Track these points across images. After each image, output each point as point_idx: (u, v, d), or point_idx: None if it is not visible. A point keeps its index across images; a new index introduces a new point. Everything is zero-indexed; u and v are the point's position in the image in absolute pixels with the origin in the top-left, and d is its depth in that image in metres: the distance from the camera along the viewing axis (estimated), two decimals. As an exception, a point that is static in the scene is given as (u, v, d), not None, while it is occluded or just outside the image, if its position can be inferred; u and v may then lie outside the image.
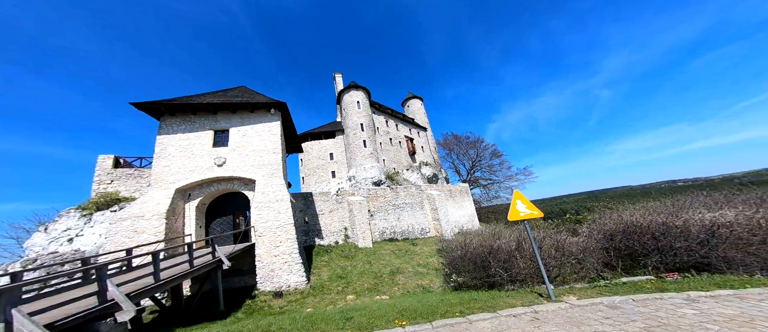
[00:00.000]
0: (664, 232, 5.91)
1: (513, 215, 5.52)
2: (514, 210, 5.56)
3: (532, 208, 5.48)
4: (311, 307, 10.11)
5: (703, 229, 5.51)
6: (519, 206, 5.64)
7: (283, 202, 13.14)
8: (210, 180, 12.86)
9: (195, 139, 13.29)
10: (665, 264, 5.80)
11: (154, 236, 10.38)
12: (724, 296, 3.92)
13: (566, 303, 4.21)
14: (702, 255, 5.37)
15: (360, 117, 29.56)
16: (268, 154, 14.15)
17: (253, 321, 6.55)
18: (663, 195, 9.04)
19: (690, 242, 5.50)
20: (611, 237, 6.90)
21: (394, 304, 6.62)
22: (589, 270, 6.31)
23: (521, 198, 5.68)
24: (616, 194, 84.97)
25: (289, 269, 11.99)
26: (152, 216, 10.73)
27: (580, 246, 6.78)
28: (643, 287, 4.74)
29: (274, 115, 15.20)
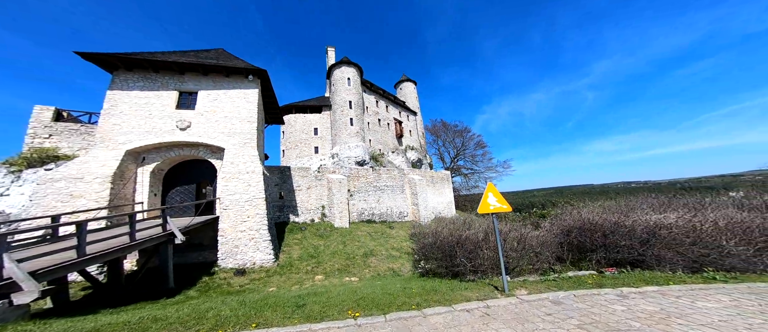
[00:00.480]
0: (613, 231, 6.23)
1: (483, 208, 5.23)
2: (485, 203, 5.25)
3: (503, 202, 5.20)
4: (275, 286, 9.32)
5: (646, 229, 5.87)
6: (490, 199, 5.30)
7: (255, 174, 11.87)
8: (170, 144, 11.23)
9: (155, 98, 11.43)
10: (607, 259, 6.20)
11: (94, 202, 8.91)
12: (650, 292, 4.26)
13: (517, 298, 4.31)
14: (639, 253, 5.77)
15: (349, 94, 27.73)
16: (241, 122, 12.58)
17: (197, 302, 5.65)
18: (618, 194, 9.31)
19: (633, 241, 5.86)
20: (568, 232, 7.16)
21: (355, 290, 6.13)
22: (543, 263, 6.54)
23: (493, 191, 5.34)
24: (579, 191, 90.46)
25: (255, 246, 11.01)
26: (94, 178, 9.16)
27: (539, 240, 6.95)
28: (585, 282, 5.02)
29: (252, 83, 13.45)
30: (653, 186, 75.34)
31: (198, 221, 9.36)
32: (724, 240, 5.31)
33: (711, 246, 5.28)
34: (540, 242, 6.91)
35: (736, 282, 4.60)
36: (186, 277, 9.18)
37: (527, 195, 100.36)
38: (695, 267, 5.28)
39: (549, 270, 6.35)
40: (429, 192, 24.90)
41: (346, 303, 4.69)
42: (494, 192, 5.37)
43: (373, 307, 4.35)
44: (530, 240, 6.93)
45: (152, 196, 11.02)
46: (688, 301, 3.84)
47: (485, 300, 4.32)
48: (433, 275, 7.48)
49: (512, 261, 6.45)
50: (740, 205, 6.89)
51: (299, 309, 4.41)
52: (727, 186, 67.71)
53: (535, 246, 6.80)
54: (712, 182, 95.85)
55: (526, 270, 6.46)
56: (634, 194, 9.48)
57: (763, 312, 3.37)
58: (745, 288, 4.28)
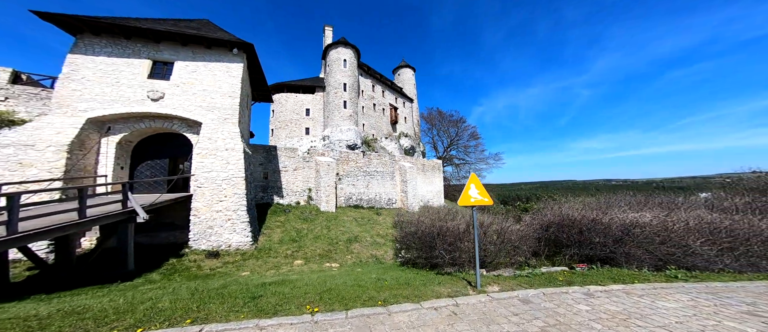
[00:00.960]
0: (590, 228, 6.13)
1: (464, 200, 4.85)
2: (466, 195, 4.88)
3: (484, 195, 4.84)
4: (249, 271, 8.72)
5: (621, 227, 5.83)
6: (472, 191, 4.89)
7: (234, 152, 10.94)
8: (139, 114, 10.11)
9: (124, 66, 10.15)
10: (579, 255, 6.17)
11: (47, 173, 7.93)
12: (616, 291, 4.26)
13: (487, 296, 4.11)
14: (611, 250, 5.75)
15: (344, 76, 26.25)
16: (222, 97, 11.44)
17: (146, 288, 5.00)
18: (599, 191, 9.22)
19: (607, 239, 5.82)
20: (547, 227, 7.05)
21: (325, 280, 5.73)
22: (520, 257, 6.45)
23: (476, 183, 4.95)
24: (563, 186, 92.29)
25: (232, 227, 10.28)
26: (47, 146, 8.11)
27: (518, 235, 6.84)
28: (556, 279, 4.97)
29: (237, 57, 12.17)
30: (631, 185, 77.22)
31: (166, 199, 8.51)
32: (691, 239, 5.40)
33: (678, 246, 5.37)
34: (519, 236, 6.76)
35: (696, 281, 4.68)
36: (152, 259, 8.46)
37: (514, 188, 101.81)
38: (660, 265, 5.36)
39: (524, 265, 6.25)
40: (419, 181, 24.38)
41: (309, 295, 4.22)
42: (476, 184, 4.91)
43: (335, 302, 3.90)
44: (510, 234, 6.75)
45: (118, 169, 10.03)
46: (649, 301, 3.87)
47: (455, 297, 4.05)
48: (413, 265, 7.21)
49: (490, 255, 6.25)
50: (711, 206, 6.96)
51: (252, 302, 3.88)
52: (698, 187, 69.88)
53: (514, 240, 6.63)
54: (685, 183, 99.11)
55: (503, 263, 6.32)
56: (614, 191, 9.44)
57: (717, 313, 3.44)
58: (704, 287, 4.36)
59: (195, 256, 9.00)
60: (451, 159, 42.98)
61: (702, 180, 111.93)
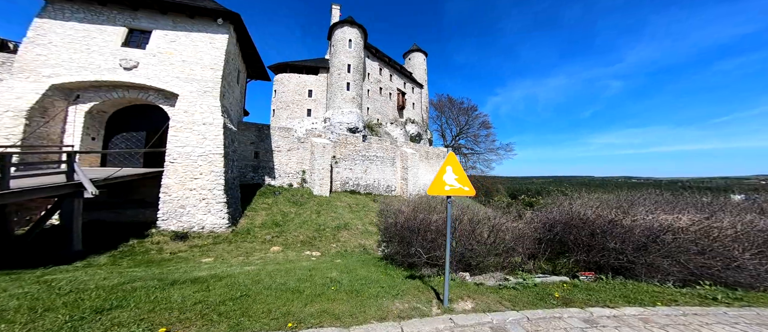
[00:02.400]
0: (606, 230, 4.83)
1: (436, 188, 3.44)
2: (439, 181, 3.44)
3: (464, 183, 3.45)
4: (213, 257, 7.85)
5: (647, 232, 4.58)
6: (447, 175, 3.44)
7: (213, 127, 9.92)
8: (110, 83, 9.21)
9: (96, 32, 9.20)
10: (586, 262, 4.98)
11: (3, 139, 7.20)
12: (629, 317, 3.04)
13: (450, 321, 2.87)
14: (629, 259, 4.50)
15: (349, 57, 24.48)
16: (203, 69, 10.32)
17: (62, 277, 4.03)
18: (618, 188, 7.35)
19: (626, 245, 4.55)
20: (551, 226, 5.69)
21: (257, 281, 4.41)
22: (513, 258, 5.37)
23: (454, 166, 3.51)
24: (578, 182, 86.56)
25: (206, 207, 9.42)
26: (4, 112, 7.37)
27: (515, 233, 5.65)
28: (550, 294, 3.77)
29: (222, 27, 10.93)
30: (654, 183, 71.00)
31: (128, 173, 7.65)
32: (737, 250, 4.23)
33: (719, 256, 4.25)
34: (515, 235, 5.58)
35: (741, 305, 3.49)
36: (110, 238, 7.73)
37: (525, 182, 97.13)
38: (690, 280, 4.24)
39: (517, 270, 5.17)
40: (421, 168, 22.80)
41: (224, 297, 3.22)
42: (454, 167, 3.48)
43: (227, 319, 2.71)
44: (504, 232, 5.58)
45: (89, 140, 9.32)
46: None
47: (406, 321, 2.87)
48: (392, 261, 6.20)
49: (477, 256, 5.16)
50: (762, 210, 5.44)
51: (96, 317, 2.58)
52: (729, 188, 63.53)
53: (509, 240, 5.45)
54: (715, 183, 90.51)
55: (491, 266, 5.20)
56: (635, 189, 7.76)
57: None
58: (754, 315, 3.15)
59: (160, 238, 8.23)
60: (459, 148, 40.65)
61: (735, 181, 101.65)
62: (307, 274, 5.01)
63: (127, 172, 7.86)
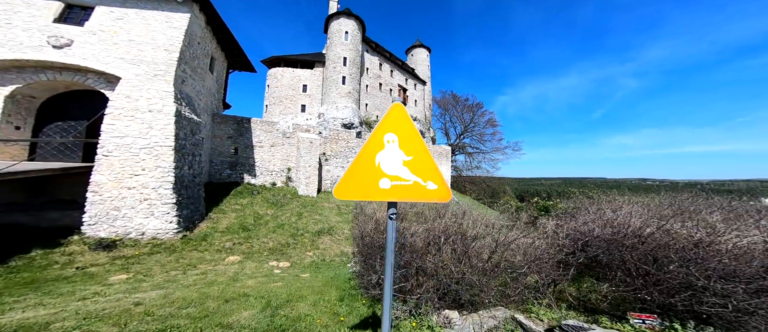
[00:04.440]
0: (688, 257, 2.56)
1: (356, 181, 1.19)
2: (365, 169, 1.21)
3: (429, 173, 1.23)
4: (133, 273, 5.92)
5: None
6: (388, 155, 1.22)
7: (161, 114, 8.14)
8: (36, 63, 7.57)
9: (22, 6, 7.63)
10: (634, 297, 2.83)
11: None
12: None
13: None
14: (737, 308, 2.36)
15: (345, 49, 22.59)
16: (155, 50, 8.58)
17: None
18: (633, 191, 5.66)
19: (730, 283, 2.33)
20: (584, 246, 3.53)
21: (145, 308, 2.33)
22: (525, 292, 3.21)
23: (404, 131, 1.27)
24: (590, 184, 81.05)
25: (148, 209, 7.61)
26: None
27: (529, 254, 3.60)
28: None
29: (183, 6, 9.22)
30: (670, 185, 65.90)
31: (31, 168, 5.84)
32: None
33: None
34: (530, 257, 3.58)
35: None
36: (12, 246, 5.96)
37: (533, 183, 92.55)
38: None
39: (531, 302, 3.14)
40: (421, 168, 20.55)
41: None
42: (406, 135, 1.40)
43: None
44: (512, 252, 3.71)
45: (12, 129, 7.68)
46: None
47: None
48: (359, 285, 4.26)
49: (472, 288, 3.19)
50: None
51: None
52: (753, 191, 57.81)
53: (519, 262, 3.54)
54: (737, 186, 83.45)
55: (491, 302, 3.14)
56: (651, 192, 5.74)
57: None
58: None
59: (75, 247, 6.42)
60: (463, 147, 38.08)
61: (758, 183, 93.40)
62: (219, 306, 3.06)
63: (29, 167, 6.10)
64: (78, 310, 3.09)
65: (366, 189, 1.27)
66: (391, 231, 1.26)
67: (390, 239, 1.26)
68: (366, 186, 1.27)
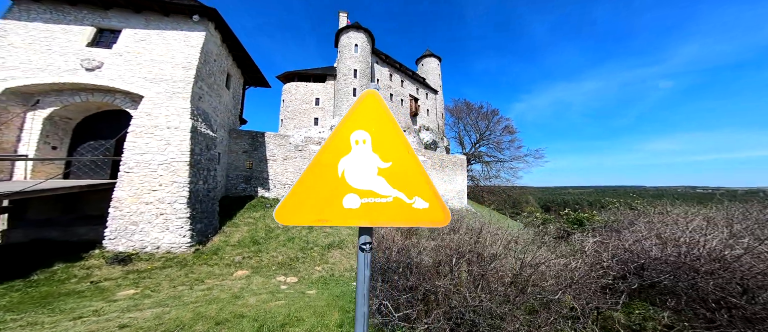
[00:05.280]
0: None
1: (313, 210, 0.81)
2: (331, 184, 0.82)
3: (422, 193, 0.81)
4: (141, 288, 5.96)
5: None
6: (355, 174, 0.81)
7: (179, 131, 8.50)
8: (72, 86, 8.28)
9: (61, 32, 8.46)
10: None
11: (-64, 147, 6.23)
12: None
13: None
14: None
15: (355, 62, 23.14)
16: (174, 68, 9.13)
17: None
18: (680, 200, 4.88)
19: None
20: (638, 270, 2.78)
21: None
22: (560, 322, 2.50)
23: (381, 125, 0.87)
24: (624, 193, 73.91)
25: (164, 224, 7.79)
26: (-58, 118, 6.47)
27: (564, 279, 2.91)
28: None
29: (198, 24, 9.86)
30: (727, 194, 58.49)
31: (55, 186, 6.21)
32: None
33: None
34: (564, 280, 2.94)
35: None
36: (40, 260, 6.30)
37: (559, 192, 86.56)
38: None
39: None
40: (435, 177, 19.93)
41: None
42: (386, 132, 0.95)
43: None
44: (540, 275, 3.03)
45: (49, 149, 8.35)
46: None
47: None
48: None
49: (492, 318, 2.59)
50: None
51: None
52: None
53: (551, 287, 2.90)
54: (809, 194, 72.12)
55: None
56: (705, 201, 4.80)
57: None
58: None
59: (94, 261, 6.63)
60: (480, 156, 36.79)
61: (833, 190, 79.94)
62: (208, 330, 2.83)
63: (59, 184, 6.49)
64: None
65: (322, 210, 0.92)
66: (363, 268, 0.89)
67: (361, 280, 0.91)
68: (323, 205, 0.92)
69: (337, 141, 0.99)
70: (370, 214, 0.92)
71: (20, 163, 7.74)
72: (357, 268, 0.89)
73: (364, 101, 1.03)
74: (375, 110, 1.02)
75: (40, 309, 4.33)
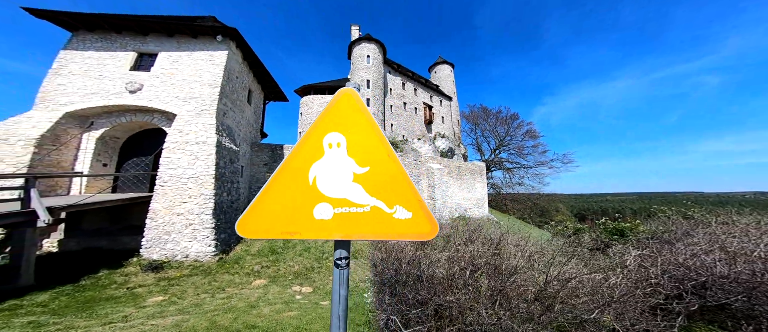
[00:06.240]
0: None
1: (279, 221, 0.71)
2: (300, 192, 0.74)
3: (405, 202, 0.71)
4: (169, 295, 6.31)
5: None
6: (327, 181, 0.73)
7: (205, 146, 9.15)
8: (118, 108, 9.32)
9: (109, 58, 9.65)
10: None
11: (13, 167, 7.35)
12: None
13: None
14: None
15: (367, 72, 23.73)
16: (201, 86, 9.99)
17: None
18: (757, 208, 4.02)
19: None
20: (696, 288, 2.31)
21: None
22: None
23: (365, 145, 0.78)
24: (675, 199, 64.72)
25: (192, 234, 8.30)
26: (18, 141, 7.61)
27: (602, 296, 2.44)
28: None
29: (222, 44, 10.77)
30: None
31: (102, 200, 6.94)
32: None
33: None
34: (603, 298, 2.50)
35: None
36: (87, 267, 6.99)
37: (595, 200, 78.90)
38: None
39: None
40: (452, 185, 19.32)
41: None
42: (358, 131, 0.84)
43: None
44: (572, 290, 2.65)
45: (100, 166, 9.38)
46: None
47: None
48: (372, 320, 3.70)
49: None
50: None
51: None
52: None
53: (585, 303, 2.50)
54: None
55: None
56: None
57: None
58: None
59: (132, 268, 7.19)
60: (500, 162, 35.21)
61: None
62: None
63: (104, 198, 7.24)
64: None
65: (290, 221, 0.83)
66: (338, 287, 0.80)
67: (336, 300, 0.82)
68: (290, 216, 0.84)
69: (308, 144, 0.92)
70: (344, 226, 0.83)
71: (76, 179, 8.78)
72: (332, 287, 0.79)
73: (339, 101, 0.97)
74: (351, 111, 0.95)
75: (80, 313, 4.72)
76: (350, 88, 0.97)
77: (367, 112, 0.97)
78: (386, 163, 0.90)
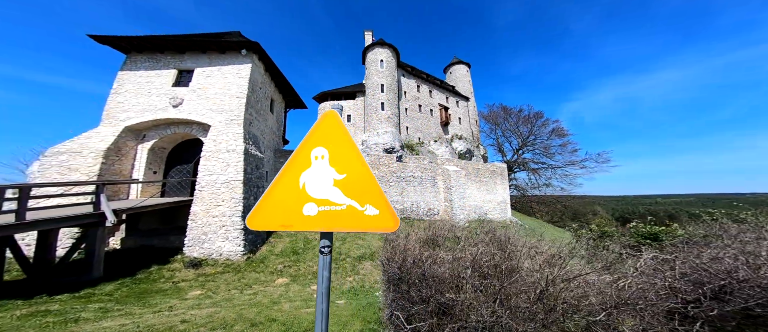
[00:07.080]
0: None
1: (277, 216, 0.95)
2: (293, 194, 0.97)
3: (373, 202, 0.92)
4: (206, 290, 7.10)
5: None
6: (313, 185, 0.98)
7: (234, 154, 10.11)
8: (165, 121, 10.66)
9: (155, 76, 11.10)
10: None
11: (86, 175, 8.76)
12: None
13: None
14: None
15: (381, 77, 24.19)
16: (230, 98, 11.09)
17: None
18: None
19: None
20: (715, 293, 2.03)
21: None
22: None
23: (343, 157, 1.02)
24: (729, 201, 55.31)
25: (225, 234, 9.20)
26: (89, 153, 9.07)
27: (611, 298, 2.34)
28: None
29: (246, 58, 11.85)
30: None
31: (153, 203, 8.04)
32: None
33: None
34: (613, 300, 2.37)
35: None
36: (143, 263, 8.10)
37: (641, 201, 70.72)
38: None
39: None
40: (470, 187, 18.89)
41: None
42: (338, 145, 1.11)
43: None
44: (579, 291, 2.60)
45: (151, 174, 10.76)
46: None
47: None
48: (390, 319, 3.88)
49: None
50: None
51: None
52: None
53: (596, 305, 2.39)
54: None
55: None
56: None
57: None
58: None
59: (176, 265, 8.19)
60: (524, 163, 33.52)
61: None
62: (243, 330, 3.38)
63: (152, 202, 8.35)
64: (141, 324, 3.84)
65: (285, 217, 1.12)
66: (322, 270, 1.06)
67: (321, 280, 1.05)
68: (285, 212, 1.13)
69: (299, 157, 1.20)
70: (326, 221, 1.09)
71: (133, 185, 10.20)
72: (318, 270, 1.05)
73: (323, 121, 1.23)
74: (333, 129, 1.21)
75: (136, 302, 5.55)
76: (333, 109, 1.24)
77: (345, 130, 1.23)
78: (360, 171, 1.14)
